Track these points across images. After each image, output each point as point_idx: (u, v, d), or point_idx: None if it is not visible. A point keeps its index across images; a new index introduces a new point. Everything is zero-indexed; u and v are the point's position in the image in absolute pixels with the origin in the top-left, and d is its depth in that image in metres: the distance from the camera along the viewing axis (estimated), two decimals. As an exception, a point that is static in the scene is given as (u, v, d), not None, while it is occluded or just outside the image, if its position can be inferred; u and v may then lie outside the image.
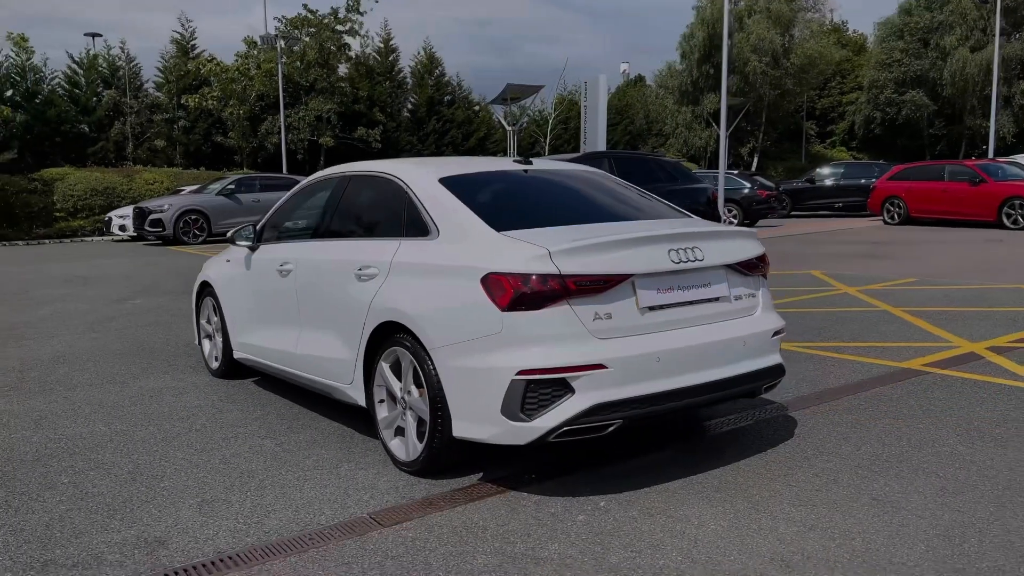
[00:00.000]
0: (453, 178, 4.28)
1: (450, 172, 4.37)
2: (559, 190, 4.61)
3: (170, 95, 32.61)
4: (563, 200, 4.50)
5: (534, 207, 4.34)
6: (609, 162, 12.49)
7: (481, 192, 4.28)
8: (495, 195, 4.36)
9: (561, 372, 3.41)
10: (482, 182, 4.43)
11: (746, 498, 3.62)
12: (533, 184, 4.53)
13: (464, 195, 4.10)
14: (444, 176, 4.28)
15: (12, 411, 5.40)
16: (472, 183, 4.33)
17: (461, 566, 3.04)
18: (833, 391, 5.36)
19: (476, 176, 4.47)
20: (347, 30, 33.48)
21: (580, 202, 4.54)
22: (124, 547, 3.26)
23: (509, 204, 4.33)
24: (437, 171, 4.36)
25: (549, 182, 4.64)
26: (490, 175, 4.58)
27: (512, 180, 4.54)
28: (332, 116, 32.52)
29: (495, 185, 4.47)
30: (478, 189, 4.29)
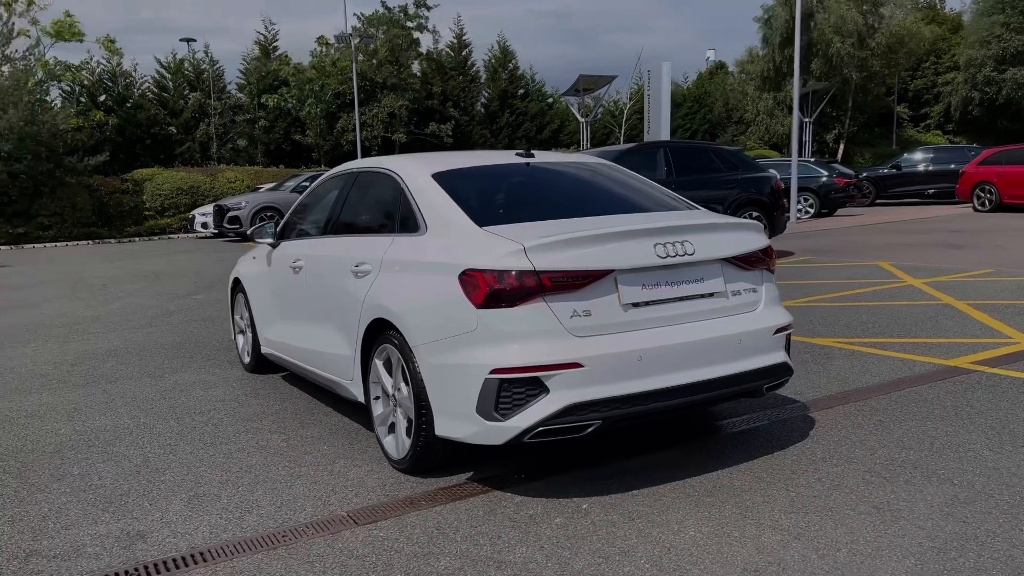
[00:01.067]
0: (446, 173, 4.23)
1: (445, 167, 4.32)
2: (557, 184, 4.50)
3: (251, 96, 33.63)
4: (559, 194, 4.39)
5: (526, 201, 4.25)
6: (664, 152, 12.19)
7: (474, 187, 4.22)
8: (488, 190, 4.29)
9: (535, 371, 3.32)
10: (477, 176, 4.37)
11: (737, 503, 3.46)
12: (531, 178, 4.44)
13: (454, 190, 4.04)
14: (437, 171, 4.23)
15: (50, 403, 5.64)
16: (466, 178, 4.27)
17: (422, 568, 2.99)
18: (864, 390, 5.08)
19: (471, 170, 4.41)
20: (416, 26, 33.77)
21: (577, 196, 4.42)
22: (106, 540, 3.34)
23: (500, 198, 4.25)
24: (432, 166, 4.32)
25: (548, 175, 4.54)
26: (487, 169, 4.51)
27: (510, 174, 4.46)
28: (404, 112, 32.88)
29: (491, 180, 4.40)
30: (471, 184, 4.23)
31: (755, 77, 44.16)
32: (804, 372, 5.56)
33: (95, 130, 30.50)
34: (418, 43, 34.42)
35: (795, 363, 5.74)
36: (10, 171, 25.30)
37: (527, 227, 3.66)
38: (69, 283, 13.90)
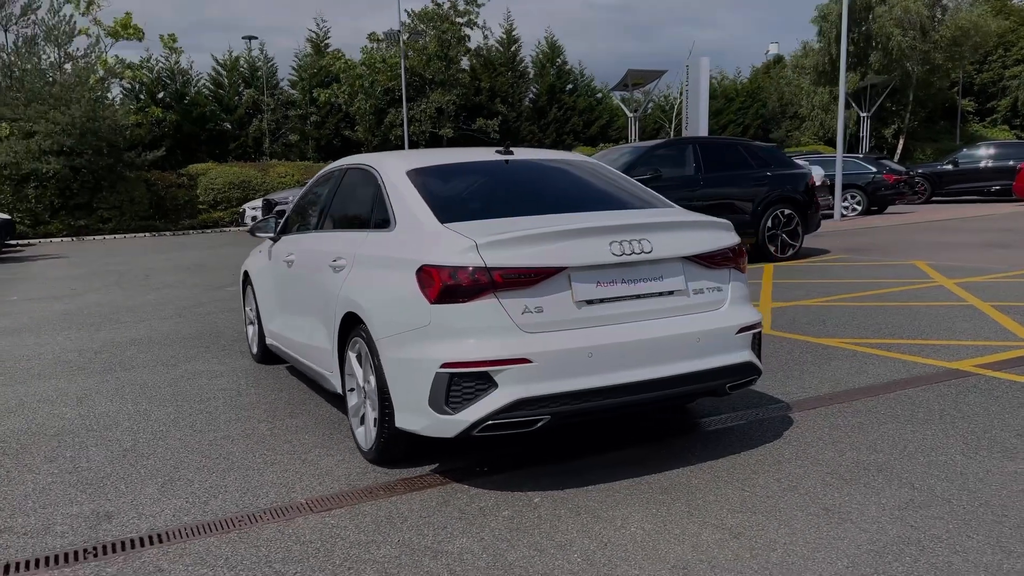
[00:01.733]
0: (420, 169, 4.30)
1: (420, 164, 4.39)
2: (531, 181, 4.53)
3: (303, 92, 34.25)
4: (530, 191, 4.41)
5: (495, 198, 4.29)
6: (693, 148, 12.05)
7: (445, 183, 4.28)
8: (459, 186, 4.34)
9: (484, 366, 3.37)
10: (451, 173, 4.43)
11: (688, 501, 3.46)
12: (506, 175, 4.48)
13: (425, 186, 4.11)
14: (412, 168, 4.30)
15: (64, 389, 5.90)
16: (439, 174, 4.34)
17: (361, 555, 3.08)
18: (854, 392, 5.00)
19: (446, 167, 4.47)
20: (466, 22, 33.94)
21: (548, 193, 4.44)
22: (76, 519, 3.51)
23: (470, 195, 4.30)
24: (408, 163, 4.39)
25: (525, 173, 4.57)
26: (463, 166, 4.56)
27: (485, 171, 4.51)
28: (451, 108, 33.10)
29: (464, 176, 4.45)
30: (444, 180, 4.29)
31: (809, 71, 43.25)
32: (799, 372, 5.50)
33: (153, 126, 31.47)
34: (467, 39, 34.58)
35: (792, 363, 5.71)
36: (72, 166, 26.30)
37: (488, 224, 3.71)
38: (116, 274, 14.42)
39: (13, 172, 25.82)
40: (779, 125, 45.50)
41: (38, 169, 25.74)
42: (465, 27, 34.14)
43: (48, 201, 26.65)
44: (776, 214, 12.06)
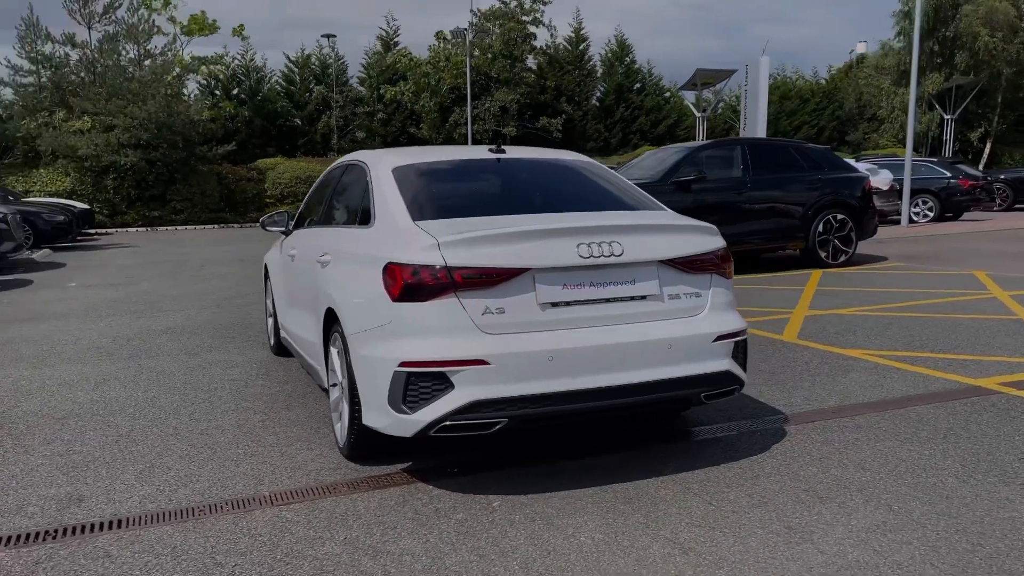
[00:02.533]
0: (405, 167, 4.28)
1: (407, 161, 4.37)
2: (517, 180, 4.45)
3: (371, 89, 34.78)
4: (512, 191, 4.34)
5: (474, 197, 4.24)
6: (742, 150, 11.72)
7: (428, 181, 4.24)
8: (441, 185, 4.30)
9: (440, 366, 3.33)
10: (437, 171, 4.39)
11: (648, 513, 3.35)
12: (493, 174, 4.42)
13: (407, 184, 4.09)
14: (399, 165, 4.29)
15: (87, 374, 6.11)
16: (425, 172, 4.31)
17: (303, 551, 3.08)
18: (860, 406, 4.78)
19: (432, 165, 4.44)
20: (531, 20, 33.89)
21: (530, 193, 4.37)
22: (49, 501, 3.61)
23: (449, 193, 4.25)
24: (397, 160, 4.38)
25: (512, 172, 4.49)
26: (451, 164, 4.53)
27: (472, 169, 4.46)
28: (515, 106, 33.12)
29: (449, 175, 4.41)
30: (426, 179, 4.26)
31: (889, 71, 41.74)
32: (809, 384, 5.29)
33: (227, 121, 32.42)
34: (533, 37, 34.53)
35: (805, 374, 5.50)
36: (148, 159, 27.32)
37: (458, 223, 3.67)
38: (174, 264, 14.91)
39: (94, 164, 26.95)
40: (856, 127, 44.07)
41: (117, 161, 26.81)
42: (530, 25, 34.08)
43: (125, 192, 27.74)
44: (828, 219, 11.66)
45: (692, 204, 10.89)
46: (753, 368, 5.71)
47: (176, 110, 27.59)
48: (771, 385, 5.29)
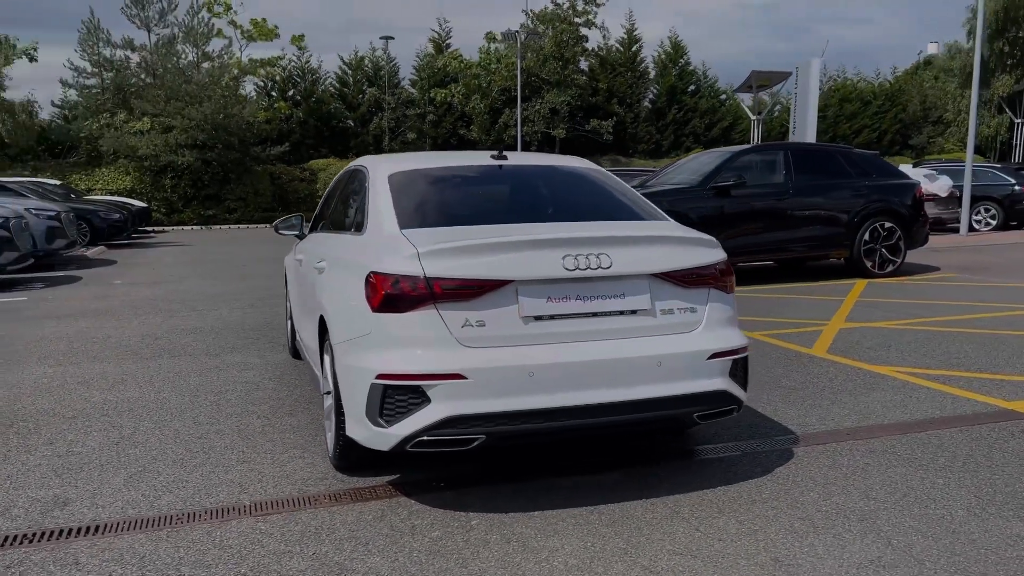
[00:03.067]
0: (402, 173, 4.21)
1: (405, 167, 4.30)
2: (513, 188, 4.33)
3: (422, 91, 35.00)
4: (509, 198, 4.23)
5: (469, 205, 4.13)
6: (785, 155, 11.37)
7: (423, 189, 4.16)
8: (436, 192, 4.20)
9: (417, 379, 3.24)
10: (434, 178, 4.30)
11: (630, 537, 3.21)
12: (489, 181, 4.32)
13: (401, 191, 4.02)
14: (396, 171, 4.22)
15: (106, 373, 6.20)
16: (421, 179, 4.23)
17: (269, 566, 3.02)
18: (878, 427, 4.54)
19: (430, 172, 4.35)
20: (583, 22, 33.66)
21: (525, 201, 4.24)
22: (35, 503, 3.63)
23: (442, 201, 4.15)
24: (395, 166, 4.31)
25: (510, 180, 4.37)
26: (450, 170, 4.43)
27: (472, 177, 4.36)
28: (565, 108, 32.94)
29: (448, 182, 4.31)
30: (423, 186, 4.18)
31: (956, 73, 40.36)
32: (828, 402, 5.06)
33: (282, 122, 32.98)
34: (585, 39, 34.31)
35: (826, 391, 5.27)
36: (204, 159, 27.97)
37: (445, 232, 3.58)
38: (219, 263, 15.18)
39: (152, 164, 27.70)
40: (920, 131, 42.69)
41: (174, 161, 27.50)
42: (582, 27, 33.86)
43: (182, 191, 28.46)
44: (875, 227, 11.25)
45: (732, 210, 10.65)
46: (773, 384, 5.50)
47: (231, 112, 28.16)
48: (788, 403, 5.07)
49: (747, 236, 10.78)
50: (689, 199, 10.58)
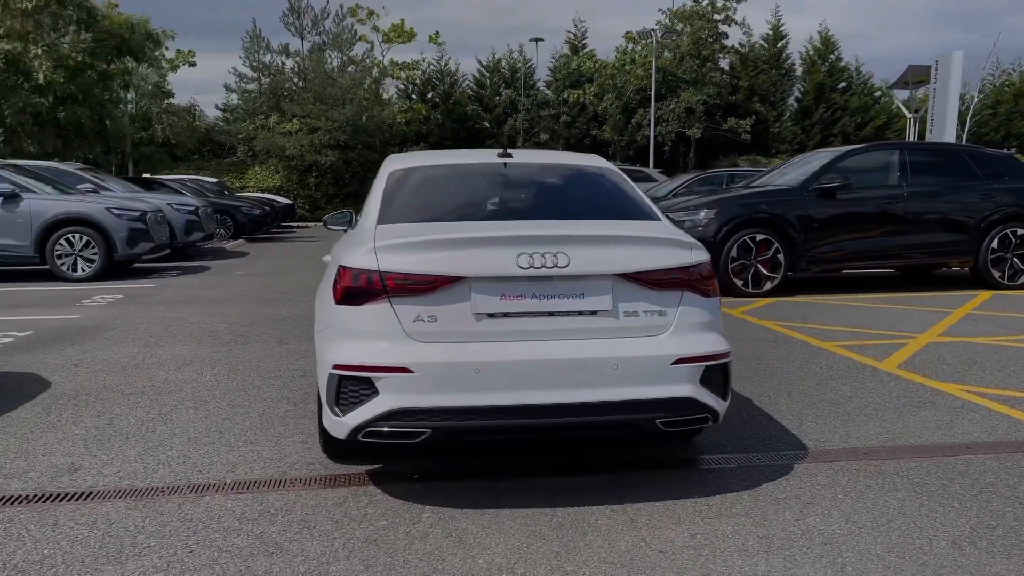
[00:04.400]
0: (403, 170, 4.28)
1: (408, 164, 4.38)
2: (512, 186, 4.27)
3: (556, 92, 35.19)
4: (499, 196, 4.18)
5: (454, 202, 4.12)
6: (901, 155, 10.58)
7: (418, 186, 4.20)
8: (429, 189, 4.21)
9: (366, 371, 3.31)
10: (432, 175, 4.33)
11: (567, 543, 3.14)
12: (490, 179, 4.29)
13: (395, 187, 4.10)
14: (397, 168, 4.31)
15: (181, 355, 6.66)
16: (418, 176, 4.28)
17: (215, 541, 3.18)
18: (903, 448, 4.20)
19: (430, 169, 4.39)
20: (723, 19, 32.69)
21: (520, 199, 4.18)
22: (51, 469, 3.98)
23: (432, 198, 4.15)
24: (399, 163, 4.40)
25: (513, 177, 4.32)
26: (450, 168, 4.46)
27: (470, 174, 4.36)
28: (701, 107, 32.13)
29: (445, 179, 4.33)
30: (418, 182, 4.22)
31: None
32: (864, 418, 4.73)
33: (421, 123, 34.15)
34: (725, 36, 33.33)
35: (869, 407, 4.93)
36: (345, 159, 29.46)
37: (413, 227, 3.63)
38: (337, 257, 15.89)
39: (298, 163, 29.47)
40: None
41: (318, 161, 29.13)
42: (722, 24, 32.91)
43: (325, 189, 30.09)
44: (1006, 234, 10.32)
45: (835, 213, 10.07)
46: (815, 397, 5.19)
47: (372, 113, 29.48)
48: (820, 417, 4.77)
49: (852, 242, 10.16)
50: (787, 201, 10.09)
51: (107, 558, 3.04)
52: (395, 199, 4.01)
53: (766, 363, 6.18)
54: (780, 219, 9.93)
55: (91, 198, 12.84)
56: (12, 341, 7.25)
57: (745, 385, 5.49)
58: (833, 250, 10.13)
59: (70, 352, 6.76)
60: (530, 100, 35.35)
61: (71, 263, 11.90)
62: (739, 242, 9.85)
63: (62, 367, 6.20)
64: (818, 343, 6.95)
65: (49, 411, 5.00)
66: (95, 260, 11.95)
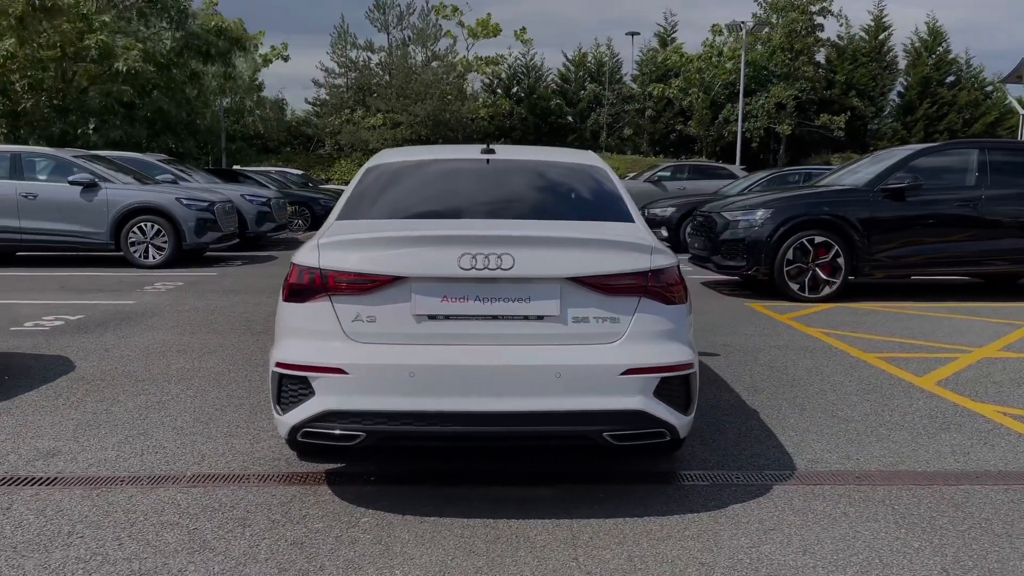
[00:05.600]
0: (380, 166, 4.20)
1: (385, 160, 4.29)
2: (483, 183, 4.10)
3: (642, 86, 34.59)
4: (467, 195, 4.01)
5: (418, 199, 4.00)
6: (979, 155, 9.82)
7: (387, 181, 4.09)
8: (395, 186, 4.07)
9: (303, 370, 3.24)
10: (406, 172, 4.21)
11: (494, 559, 2.99)
12: (465, 176, 4.15)
13: (368, 182, 4.03)
14: (375, 164, 4.23)
15: (208, 343, 6.80)
16: (390, 171, 4.17)
17: (146, 535, 3.17)
18: (901, 474, 3.86)
19: (405, 164, 4.27)
20: (818, 10, 31.37)
21: (487, 197, 3.98)
22: (31, 452, 4.09)
23: (393, 195, 4.01)
24: (379, 159, 4.32)
25: (488, 174, 4.14)
26: (426, 163, 4.32)
27: (446, 171, 4.23)
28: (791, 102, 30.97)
29: (418, 175, 4.20)
30: (389, 177, 4.12)
31: None
32: (875, 440, 4.38)
33: (504, 118, 34.20)
34: (820, 28, 32.01)
35: (889, 428, 4.57)
36: (428, 152, 29.79)
37: (367, 224, 3.55)
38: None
39: (382, 157, 29.98)
40: None
41: (401, 155, 29.56)
42: (818, 16, 31.60)
43: (407, 183, 30.48)
44: (1097, 242, 9.48)
45: (903, 215, 9.46)
46: (831, 413, 4.86)
47: (452, 108, 29.71)
48: (825, 435, 4.45)
49: (921, 247, 9.52)
50: (851, 202, 9.54)
51: (38, 546, 3.08)
52: (365, 195, 3.94)
53: (792, 374, 5.84)
54: (842, 221, 9.40)
55: (163, 188, 13.35)
56: (61, 325, 7.57)
57: (758, 396, 5.19)
58: (899, 255, 9.52)
59: (108, 337, 7.00)
60: (615, 95, 34.88)
61: (143, 250, 12.40)
62: (796, 244, 9.38)
63: (93, 352, 6.42)
64: (858, 354, 6.52)
65: (59, 395, 5.16)
66: (165, 248, 12.43)
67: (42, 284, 10.41)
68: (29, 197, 12.14)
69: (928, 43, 35.69)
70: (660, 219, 15.55)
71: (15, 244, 12.45)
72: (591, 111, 35.40)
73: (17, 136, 22.74)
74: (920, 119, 34.56)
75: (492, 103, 34.08)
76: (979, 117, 34.86)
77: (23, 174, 12.37)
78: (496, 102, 34.38)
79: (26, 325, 7.50)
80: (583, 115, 35.52)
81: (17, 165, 12.43)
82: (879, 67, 34.63)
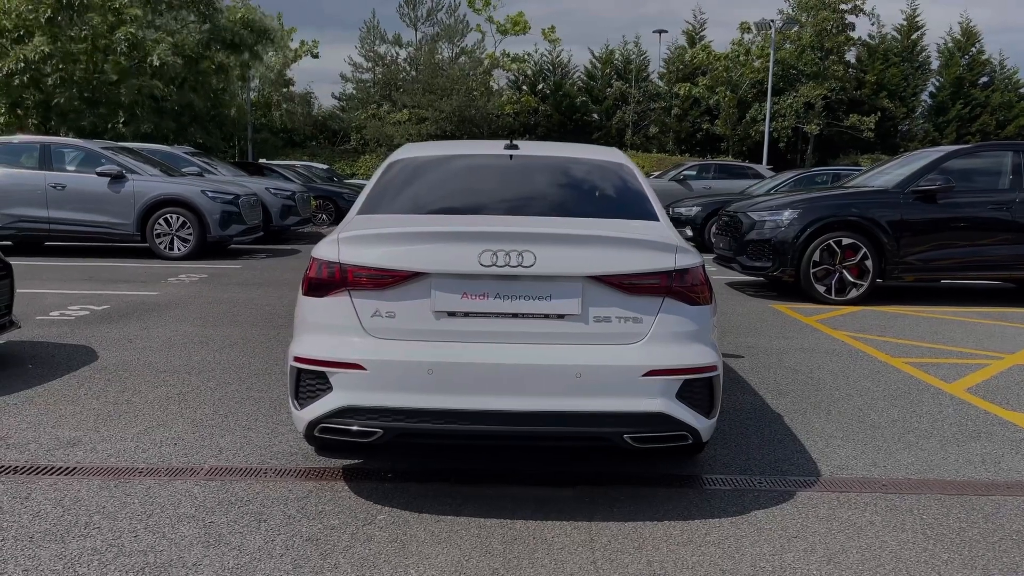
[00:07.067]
0: (402, 160, 4.16)
1: (409, 155, 4.25)
2: (505, 179, 4.05)
3: (669, 84, 34.36)
4: (490, 191, 3.96)
5: (440, 194, 3.96)
6: (1014, 156, 9.58)
7: (410, 175, 4.06)
8: (418, 180, 4.05)
9: (321, 365, 3.21)
10: (429, 167, 4.17)
11: (509, 560, 2.95)
12: (488, 172, 4.10)
13: (391, 177, 3.99)
14: (398, 159, 4.19)
15: (230, 336, 6.81)
16: (413, 166, 4.14)
17: (163, 528, 3.16)
18: (933, 483, 3.77)
19: (429, 160, 4.22)
20: (850, 8, 30.95)
21: (509, 193, 3.93)
22: (53, 442, 4.10)
23: (415, 190, 3.97)
24: (402, 154, 4.28)
25: (511, 171, 4.09)
26: (450, 159, 4.28)
27: (470, 167, 4.18)
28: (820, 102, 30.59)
29: (442, 171, 4.16)
30: (412, 172, 4.09)
31: None
32: (902, 447, 4.28)
33: (529, 115, 34.11)
34: (851, 27, 31.60)
35: (916, 435, 4.46)
36: (452, 148, 29.82)
37: (388, 219, 3.52)
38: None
39: (407, 152, 30.05)
40: None
41: (425, 150, 29.61)
42: (849, 15, 31.19)
43: (431, 179, 30.52)
44: None
45: (934, 218, 9.28)
46: (857, 418, 4.77)
47: (477, 104, 29.68)
48: (851, 441, 4.36)
49: (952, 250, 9.33)
50: (880, 204, 9.37)
51: (54, 536, 3.08)
52: (387, 189, 3.91)
53: (817, 377, 5.74)
54: (870, 222, 9.24)
55: (189, 180, 13.44)
56: (86, 315, 7.63)
57: (782, 400, 5.10)
58: (929, 258, 9.34)
59: (131, 328, 7.04)
60: (641, 92, 34.67)
61: (168, 242, 12.49)
62: (823, 245, 9.23)
63: (117, 342, 6.45)
64: (886, 358, 6.40)
65: (81, 384, 5.19)
66: (190, 240, 12.50)
67: (69, 274, 10.50)
68: (58, 188, 12.26)
69: (961, 43, 35.12)
70: (685, 218, 15.42)
71: (43, 234, 12.60)
72: (617, 109, 35.18)
73: (48, 128, 23.04)
74: (953, 120, 34.02)
75: (518, 100, 34.00)
76: (1012, 119, 34.25)
77: (52, 165, 12.49)
78: (522, 99, 34.29)
79: (52, 314, 7.56)
80: (609, 113, 35.32)
81: (46, 156, 12.55)
82: (911, 67, 34.12)
